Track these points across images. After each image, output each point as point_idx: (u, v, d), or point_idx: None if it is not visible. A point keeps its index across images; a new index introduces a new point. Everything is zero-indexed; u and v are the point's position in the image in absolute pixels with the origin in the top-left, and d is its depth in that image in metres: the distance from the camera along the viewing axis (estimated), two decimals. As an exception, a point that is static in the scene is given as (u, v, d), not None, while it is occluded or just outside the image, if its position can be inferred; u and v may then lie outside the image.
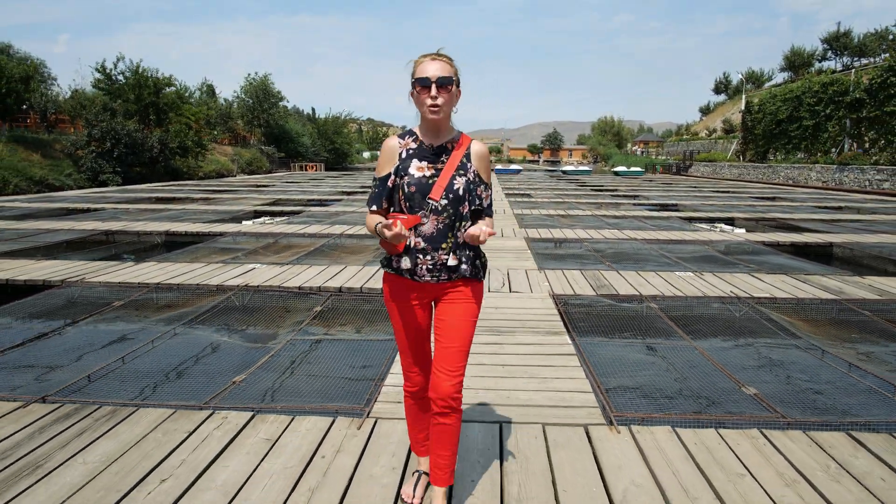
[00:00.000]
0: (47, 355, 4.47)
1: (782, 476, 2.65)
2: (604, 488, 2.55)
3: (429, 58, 2.11)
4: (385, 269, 2.30)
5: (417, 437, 2.52)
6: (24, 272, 6.98)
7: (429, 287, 2.23)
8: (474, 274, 2.25)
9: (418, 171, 2.16)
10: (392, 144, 2.23)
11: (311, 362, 4.42)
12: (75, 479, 2.57)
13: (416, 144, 2.21)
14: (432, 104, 2.09)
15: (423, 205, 2.15)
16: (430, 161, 2.18)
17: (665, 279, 6.86)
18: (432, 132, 2.21)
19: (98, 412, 3.25)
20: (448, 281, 2.22)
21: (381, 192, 2.22)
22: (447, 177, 2.15)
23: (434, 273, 2.18)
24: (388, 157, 2.22)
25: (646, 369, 4.36)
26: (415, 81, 2.10)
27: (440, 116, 2.13)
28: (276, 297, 6.17)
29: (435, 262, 2.17)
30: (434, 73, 2.07)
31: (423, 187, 2.14)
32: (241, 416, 3.20)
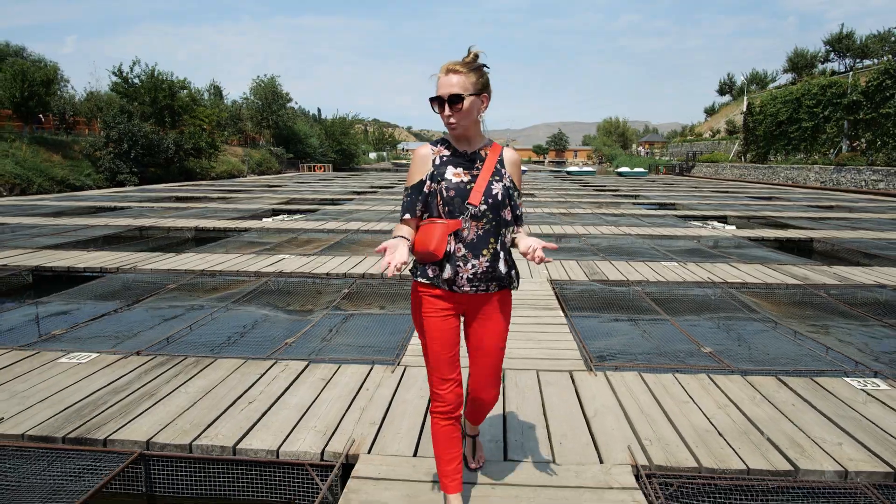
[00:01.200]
0: (125, 325, 5.34)
1: (717, 402, 3.49)
2: (580, 408, 3.39)
3: (445, 71, 2.09)
4: (417, 279, 2.22)
5: (446, 468, 2.27)
6: (80, 261, 7.87)
7: (464, 298, 2.20)
8: (510, 283, 2.26)
9: (455, 177, 2.14)
10: (424, 152, 2.21)
11: (346, 331, 5.27)
12: (182, 403, 3.43)
13: (450, 152, 2.20)
14: (446, 122, 2.11)
15: (462, 209, 2.12)
16: (465, 167, 2.17)
17: (651, 268, 7.69)
18: (463, 140, 2.21)
19: (185, 361, 4.12)
20: (486, 292, 2.20)
21: (414, 198, 2.17)
22: (484, 182, 2.13)
23: (474, 283, 2.15)
24: (420, 165, 2.19)
25: (624, 335, 5.21)
26: (430, 100, 2.11)
27: (458, 132, 2.14)
28: (308, 282, 7.04)
29: (476, 269, 2.14)
30: (445, 90, 2.06)
31: (461, 192, 2.12)
32: (299, 364, 4.06)
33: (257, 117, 52.80)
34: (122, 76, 32.24)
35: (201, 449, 2.92)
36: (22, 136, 26.74)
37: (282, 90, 54.00)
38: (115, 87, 32.41)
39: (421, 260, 2.17)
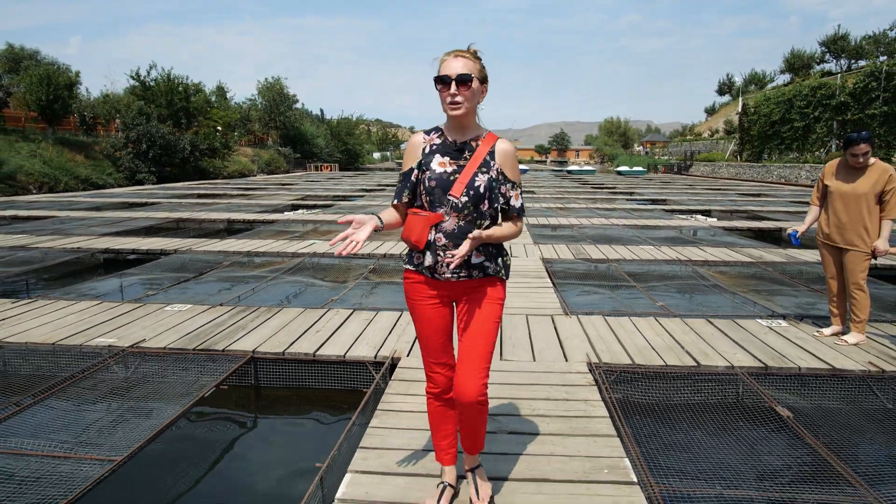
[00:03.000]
0: (200, 288, 6.65)
1: (656, 332, 4.79)
2: (556, 335, 4.70)
3: (452, 55, 2.13)
4: (406, 266, 2.30)
5: (441, 443, 2.42)
6: (141, 245, 9.20)
7: (449, 285, 2.23)
8: (496, 272, 2.25)
9: (440, 167, 2.17)
10: (416, 140, 2.26)
11: (376, 293, 6.58)
12: (268, 332, 4.74)
13: (441, 140, 2.23)
14: (451, 101, 2.11)
15: (443, 201, 2.15)
16: (452, 157, 2.19)
17: (630, 250, 8.98)
18: (456, 129, 2.22)
19: (259, 309, 5.43)
20: (469, 279, 2.22)
21: (402, 186, 2.23)
22: (469, 174, 2.15)
23: (454, 271, 2.18)
24: (411, 153, 2.25)
25: (598, 295, 6.50)
26: (436, 79, 2.13)
27: (461, 112, 2.13)
28: (337, 261, 8.35)
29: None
30: (454, 70, 2.09)
31: (443, 183, 2.14)
32: (346, 311, 5.37)
33: (265, 118, 54.16)
34: (139, 79, 33.63)
35: (291, 355, 4.24)
36: (47, 137, 28.12)
37: (289, 92, 55.41)
38: (133, 90, 33.77)
39: (409, 247, 2.24)
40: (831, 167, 4.53)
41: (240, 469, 3.38)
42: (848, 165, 4.38)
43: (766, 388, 3.76)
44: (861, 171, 4.30)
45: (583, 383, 3.74)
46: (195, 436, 3.70)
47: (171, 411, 3.39)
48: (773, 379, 3.95)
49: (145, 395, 3.77)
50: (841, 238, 4.42)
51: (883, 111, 28.42)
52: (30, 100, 28.47)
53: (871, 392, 3.84)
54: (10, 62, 45.15)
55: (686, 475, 2.85)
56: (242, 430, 3.83)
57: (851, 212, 4.33)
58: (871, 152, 4.26)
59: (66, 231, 10.91)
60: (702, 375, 3.97)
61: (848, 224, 4.35)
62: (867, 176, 4.27)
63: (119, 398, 3.72)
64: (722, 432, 3.37)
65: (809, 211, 4.75)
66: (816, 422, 3.42)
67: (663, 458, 2.99)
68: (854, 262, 4.37)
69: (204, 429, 3.81)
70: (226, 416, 4.00)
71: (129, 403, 3.64)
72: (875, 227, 4.29)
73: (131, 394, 3.79)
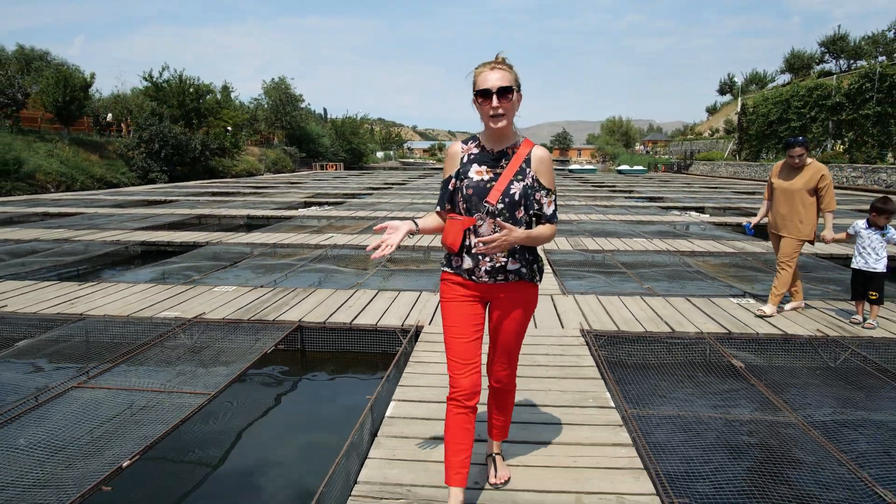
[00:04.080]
0: (238, 274, 7.45)
1: (641, 308, 5.58)
2: (554, 310, 5.49)
3: (488, 67, 2.17)
4: (444, 269, 2.37)
5: (454, 459, 2.28)
6: (174, 238, 10.01)
7: (485, 287, 2.29)
8: (530, 276, 2.32)
9: (477, 175, 2.23)
10: (455, 150, 2.33)
11: (396, 278, 7.38)
12: (307, 307, 5.53)
13: (478, 150, 2.29)
14: (494, 113, 2.16)
15: (479, 207, 2.21)
16: (489, 166, 2.25)
17: (625, 242, 9.77)
18: (494, 138, 2.27)
19: (296, 290, 6.22)
20: (505, 282, 2.27)
21: (443, 193, 2.33)
22: (505, 181, 2.20)
23: (492, 274, 2.25)
24: (450, 162, 2.33)
25: (592, 280, 7.29)
26: (477, 93, 2.17)
27: (503, 124, 2.18)
28: (356, 252, 9.14)
29: (494, 263, 2.24)
30: (494, 83, 2.13)
31: (480, 191, 2.20)
32: (372, 292, 6.16)
33: (271, 118, 54.96)
34: (152, 80, 34.47)
35: (331, 324, 5.03)
36: (62, 138, 28.97)
37: (295, 92, 56.24)
38: (146, 91, 34.60)
39: (447, 250, 2.32)
40: (777, 167, 5.33)
41: (298, 409, 4.19)
42: (788, 165, 5.16)
43: (727, 349, 4.55)
44: (798, 170, 5.09)
45: (575, 344, 4.54)
46: (258, 386, 4.51)
47: (240, 365, 4.19)
48: (734, 342, 4.73)
49: (214, 354, 4.56)
50: (781, 227, 5.22)
51: (876, 111, 29.11)
52: (46, 101, 29.31)
53: (815, 352, 4.62)
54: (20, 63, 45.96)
55: (653, 404, 3.64)
56: (295, 383, 4.64)
57: (789, 205, 5.13)
58: (805, 154, 5.05)
59: (99, 226, 11.73)
60: (675, 339, 4.76)
61: (787, 215, 5.15)
62: (802, 174, 5.05)
63: (192, 356, 4.51)
64: (687, 379, 4.16)
65: (762, 205, 5.55)
66: (764, 371, 4.21)
67: (636, 394, 3.78)
68: (786, 245, 5.17)
69: (264, 380, 4.62)
70: (280, 371, 4.80)
71: (202, 359, 4.43)
72: (810, 218, 5.07)
73: (202, 354, 4.58)
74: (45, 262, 8.11)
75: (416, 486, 2.56)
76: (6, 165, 23.06)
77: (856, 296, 5.15)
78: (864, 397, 3.86)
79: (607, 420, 3.22)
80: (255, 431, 3.77)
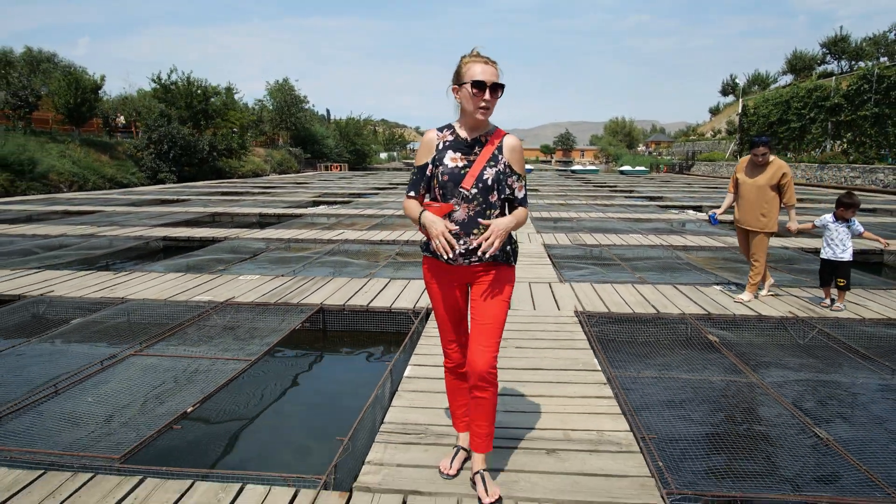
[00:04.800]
0: (260, 264, 7.99)
1: (632, 294, 6.10)
2: (552, 295, 6.02)
3: (481, 61, 2.27)
4: (424, 252, 2.51)
5: (457, 412, 2.72)
6: (193, 234, 10.56)
7: (461, 270, 2.42)
8: (504, 259, 2.43)
9: (452, 162, 2.33)
10: (430, 137, 2.41)
11: (405, 270, 7.91)
12: (326, 293, 6.06)
13: (453, 137, 2.38)
14: (485, 106, 2.27)
15: (455, 193, 2.31)
16: (463, 153, 2.35)
17: (621, 238, 10.29)
18: (471, 127, 2.38)
19: (315, 278, 6.76)
20: (479, 263, 2.39)
21: (418, 179, 2.41)
22: (479, 167, 2.31)
23: (466, 257, 2.36)
24: (426, 148, 2.41)
25: (588, 270, 7.81)
26: (472, 83, 2.25)
27: (486, 117, 2.32)
28: (367, 247, 9.68)
29: (467, 245, 2.34)
30: (490, 77, 2.25)
31: (455, 176, 2.31)
32: (384, 280, 6.70)
33: (276, 119, 55.56)
34: (160, 83, 35.10)
35: (350, 307, 5.57)
36: (74, 139, 29.60)
37: (300, 93, 56.86)
38: (155, 93, 35.23)
39: (425, 235, 2.41)
40: (742, 164, 5.83)
41: (325, 375, 4.73)
42: (753, 163, 5.68)
43: (706, 327, 5.07)
44: (762, 168, 5.60)
45: (570, 323, 5.07)
46: (287, 358, 5.05)
47: (272, 339, 4.73)
48: (713, 322, 5.26)
49: (246, 331, 5.10)
50: (746, 221, 5.74)
51: (874, 112, 29.55)
52: (58, 103, 29.95)
53: (785, 331, 5.14)
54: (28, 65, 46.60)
55: (635, 369, 4.17)
56: (319, 356, 5.18)
57: (753, 200, 5.63)
58: (769, 153, 5.55)
59: (120, 223, 12.30)
60: (660, 319, 5.29)
61: (750, 210, 5.67)
62: (766, 171, 5.56)
63: (228, 332, 5.05)
64: (667, 350, 4.68)
65: (726, 198, 6.05)
66: (737, 345, 4.73)
67: (621, 361, 4.30)
68: (756, 241, 5.68)
69: (292, 354, 5.16)
70: (305, 347, 5.34)
71: (237, 335, 4.97)
72: (772, 212, 5.57)
73: (236, 331, 5.12)
74: (76, 255, 8.66)
75: (431, 426, 3.09)
76: (21, 166, 23.67)
77: (824, 283, 5.67)
78: (822, 365, 4.38)
79: (594, 380, 3.75)
80: (289, 391, 4.32)
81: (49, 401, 3.56)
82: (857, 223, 5.46)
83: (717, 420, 3.49)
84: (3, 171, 22.95)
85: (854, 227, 5.44)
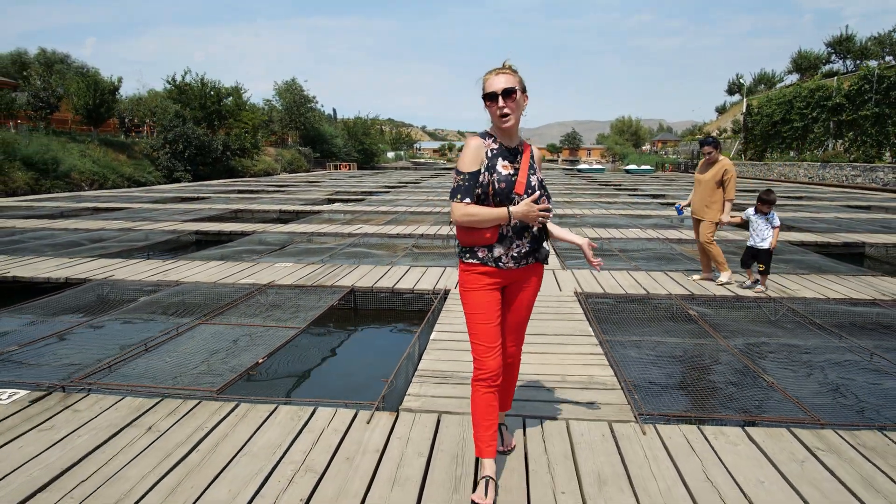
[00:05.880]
0: (289, 255, 8.79)
1: (626, 278, 6.86)
2: (555, 280, 6.79)
3: (494, 73, 2.42)
4: (467, 260, 2.51)
5: (483, 434, 2.50)
6: (224, 228, 11.39)
7: (507, 273, 2.49)
8: (544, 258, 2.60)
9: (503, 169, 2.43)
10: (478, 144, 2.46)
11: (422, 259, 8.70)
12: (355, 277, 6.85)
13: (497, 146, 2.48)
14: (501, 113, 2.40)
15: (509, 199, 2.41)
16: (510, 160, 2.47)
17: (621, 232, 11.04)
18: (507, 135, 2.50)
19: (342, 266, 7.56)
20: (527, 265, 2.52)
21: (471, 185, 2.42)
22: (524, 174, 2.46)
23: (517, 260, 2.47)
24: (475, 155, 2.44)
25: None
26: (484, 97, 2.42)
27: (511, 123, 2.42)
28: (385, 239, 10.47)
29: (520, 249, 2.46)
30: (499, 86, 2.38)
31: (509, 184, 2.42)
32: (405, 267, 7.48)
33: (285, 119, 56.45)
34: (175, 84, 36.05)
35: (377, 289, 6.36)
36: (92, 139, 30.57)
37: (309, 94, 57.76)
38: (170, 94, 36.18)
39: (472, 244, 2.46)
40: (700, 162, 6.62)
41: (361, 342, 5.53)
42: (705, 161, 6.44)
43: (688, 305, 5.83)
44: (711, 165, 6.36)
45: (570, 301, 5.84)
46: (327, 329, 5.85)
47: (314, 312, 5.52)
48: (696, 301, 6.02)
49: (290, 307, 5.89)
50: (695, 210, 6.58)
51: (875, 112, 30.11)
52: (77, 104, 30.93)
53: (759, 308, 5.89)
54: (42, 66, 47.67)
55: (623, 335, 4.94)
56: (353, 329, 5.98)
57: (701, 193, 6.45)
58: (715, 152, 6.36)
59: (150, 218, 13.15)
60: (649, 298, 6.06)
61: (698, 201, 6.48)
62: (712, 169, 6.34)
63: (274, 308, 5.83)
64: (653, 322, 5.44)
65: (692, 192, 6.80)
66: (713, 319, 5.49)
67: (612, 329, 5.07)
68: (702, 228, 6.51)
69: (331, 326, 5.95)
70: (341, 322, 6.13)
71: (283, 310, 5.76)
72: (716, 204, 6.34)
73: (280, 307, 5.91)
74: (119, 247, 9.49)
75: (456, 372, 3.87)
76: (45, 165, 24.62)
77: (744, 265, 6.48)
78: (782, 333, 5.14)
79: (588, 342, 4.52)
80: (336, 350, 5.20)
81: (142, 356, 4.36)
82: (775, 218, 6.20)
83: (685, 369, 4.27)
84: (29, 170, 23.90)
85: (772, 220, 6.18)
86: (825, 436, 3.06)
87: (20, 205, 16.64)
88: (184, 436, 3.01)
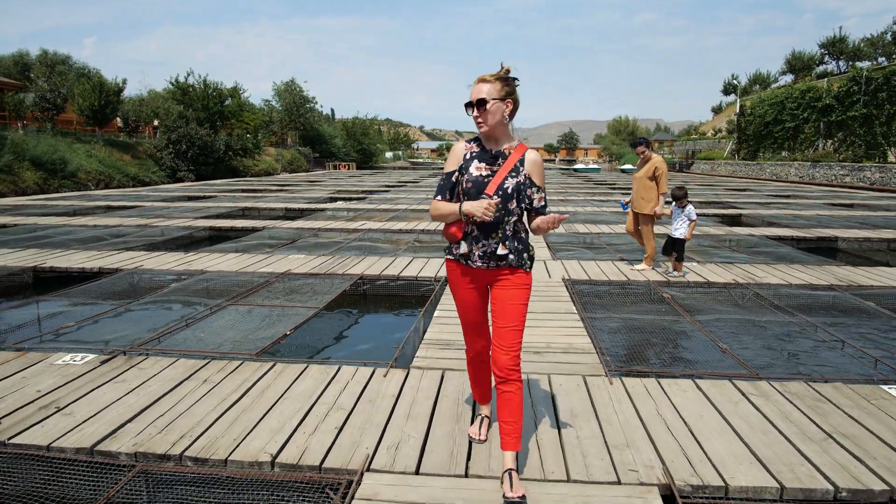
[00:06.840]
0: (301, 248, 9.45)
1: (609, 268, 7.53)
2: (546, 270, 7.46)
3: (477, 81, 2.56)
4: (447, 256, 2.75)
5: (477, 390, 3.08)
6: (236, 224, 12.05)
7: (481, 273, 2.65)
8: (520, 263, 2.61)
9: (476, 171, 2.60)
10: (459, 148, 2.67)
11: (422, 253, 9.36)
12: (363, 266, 7.51)
13: (479, 149, 2.65)
14: (475, 122, 2.58)
15: (477, 199, 2.54)
16: (487, 163, 2.61)
17: (611, 228, 11.72)
18: (491, 140, 2.64)
19: (351, 257, 8.22)
20: (497, 268, 2.61)
21: (446, 185, 2.66)
22: (500, 177, 2.56)
23: (484, 260, 2.60)
24: (454, 158, 2.67)
25: (578, 253, 9.25)
26: (464, 107, 2.59)
27: (485, 129, 2.57)
28: (388, 234, 11.14)
29: (486, 249, 2.58)
30: (474, 95, 2.54)
31: (478, 184, 2.57)
32: (408, 258, 8.15)
33: (285, 119, 57.04)
34: (178, 85, 36.65)
35: (384, 276, 7.03)
36: (97, 139, 31.16)
37: (308, 94, 58.38)
38: (173, 95, 36.78)
39: (448, 239, 2.68)
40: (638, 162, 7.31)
41: (372, 321, 6.19)
42: (641, 160, 7.14)
43: (664, 290, 6.51)
44: (645, 163, 7.05)
45: (557, 286, 6.52)
46: (341, 312, 6.51)
47: (329, 296, 6.18)
48: (672, 288, 6.69)
49: (307, 291, 6.55)
50: (633, 205, 7.30)
51: (863, 113, 30.87)
52: (83, 105, 31.52)
53: (728, 293, 6.57)
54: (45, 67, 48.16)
55: (602, 313, 5.62)
56: (364, 311, 6.64)
57: (637, 188, 7.15)
58: (647, 151, 7.06)
59: (163, 216, 13.80)
60: (628, 284, 6.74)
61: (636, 196, 7.19)
62: (645, 166, 7.03)
63: (293, 293, 6.49)
64: (630, 303, 6.12)
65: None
66: (684, 301, 6.17)
67: (592, 309, 5.74)
68: (640, 219, 7.22)
69: (344, 309, 6.62)
70: (349, 306, 6.80)
71: (301, 293, 6.42)
72: (650, 198, 7.00)
73: (299, 291, 6.57)
74: (139, 241, 10.14)
75: (456, 342, 4.54)
76: (54, 165, 25.22)
77: (666, 252, 7.23)
78: (743, 312, 5.82)
79: (571, 318, 5.20)
80: (352, 327, 5.86)
81: (184, 330, 5.03)
82: (691, 209, 6.89)
83: (653, 339, 4.96)
84: (38, 170, 24.51)
85: (688, 212, 6.88)
86: (759, 385, 3.74)
87: (34, 203, 17.26)
88: (234, 385, 3.68)
